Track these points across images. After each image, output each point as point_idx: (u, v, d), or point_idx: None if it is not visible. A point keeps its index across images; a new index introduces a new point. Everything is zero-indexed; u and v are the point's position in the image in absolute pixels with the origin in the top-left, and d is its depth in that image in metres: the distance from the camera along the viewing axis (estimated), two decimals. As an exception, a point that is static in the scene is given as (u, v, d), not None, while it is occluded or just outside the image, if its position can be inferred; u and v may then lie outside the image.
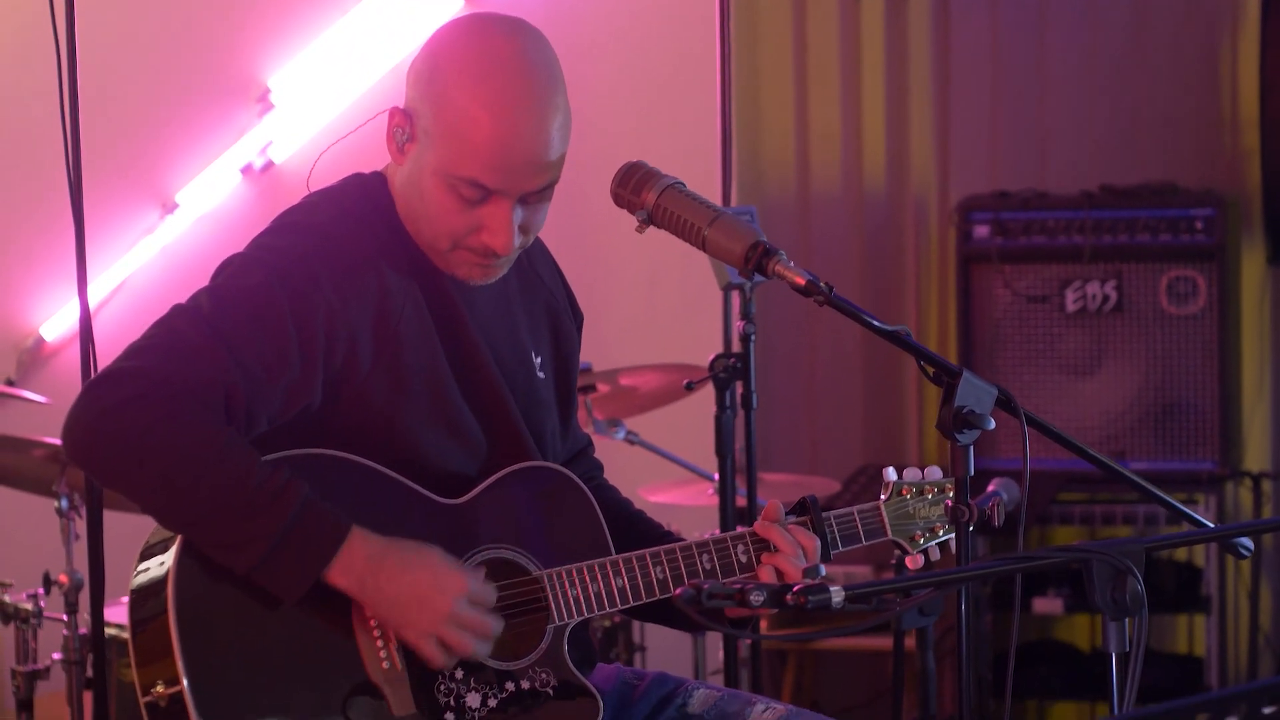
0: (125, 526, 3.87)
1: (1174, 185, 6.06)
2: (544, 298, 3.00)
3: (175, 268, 5.84)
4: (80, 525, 4.39)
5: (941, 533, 3.02)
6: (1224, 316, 5.93)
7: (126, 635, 4.41)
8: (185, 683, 2.55)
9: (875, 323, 2.70)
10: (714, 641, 5.34)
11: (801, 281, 2.66)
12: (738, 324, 3.77)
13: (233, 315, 2.63)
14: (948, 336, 6.44)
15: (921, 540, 3.01)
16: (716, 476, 4.76)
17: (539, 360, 2.94)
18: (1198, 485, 5.88)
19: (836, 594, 2.33)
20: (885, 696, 6.18)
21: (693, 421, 5.52)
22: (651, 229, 2.77)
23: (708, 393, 4.70)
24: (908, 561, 3.00)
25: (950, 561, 2.94)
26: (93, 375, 3.73)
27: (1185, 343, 5.94)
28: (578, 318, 3.07)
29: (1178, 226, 5.96)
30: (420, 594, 2.63)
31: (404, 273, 2.77)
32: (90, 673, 4.44)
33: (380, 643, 2.66)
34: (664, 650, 4.94)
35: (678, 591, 2.24)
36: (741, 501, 3.98)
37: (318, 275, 2.68)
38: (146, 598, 2.64)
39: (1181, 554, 6.11)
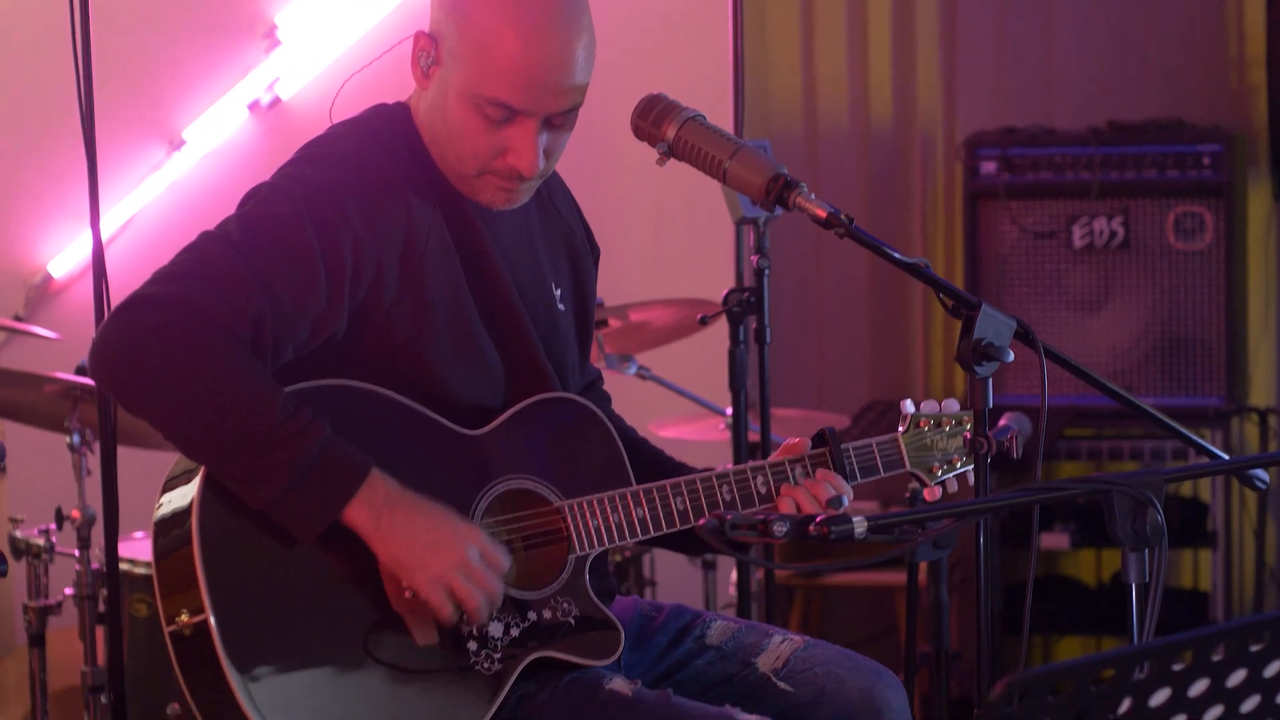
0: (137, 462, 3.88)
1: (1181, 121, 6.05)
2: (563, 231, 3.01)
3: (183, 204, 5.84)
4: (92, 461, 4.40)
5: (959, 464, 3.03)
6: (1230, 252, 5.93)
7: (139, 569, 4.48)
8: (210, 612, 2.56)
9: (895, 254, 2.70)
10: (724, 575, 5.37)
11: (823, 214, 2.66)
12: (752, 258, 3.77)
13: (261, 244, 2.63)
14: (954, 273, 6.43)
15: (939, 472, 3.01)
16: (728, 411, 4.78)
17: (559, 292, 2.95)
18: (1204, 421, 5.89)
19: (859, 525, 2.34)
20: (891, 631, 6.20)
21: (702, 357, 5.54)
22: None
23: (716, 329, 4.70)
24: (925, 493, 3.01)
25: (966, 494, 2.96)
26: (106, 309, 3.76)
27: (1192, 278, 5.94)
28: (595, 252, 3.08)
29: (1185, 162, 5.95)
30: (435, 539, 2.62)
31: (429, 203, 2.77)
32: (103, 608, 4.46)
33: None
34: (674, 584, 4.96)
35: (701, 522, 2.25)
36: (754, 436, 3.98)
37: (345, 205, 2.68)
38: (170, 528, 2.65)
39: (1187, 489, 6.13)
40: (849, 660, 2.94)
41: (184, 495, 2.64)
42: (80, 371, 4.31)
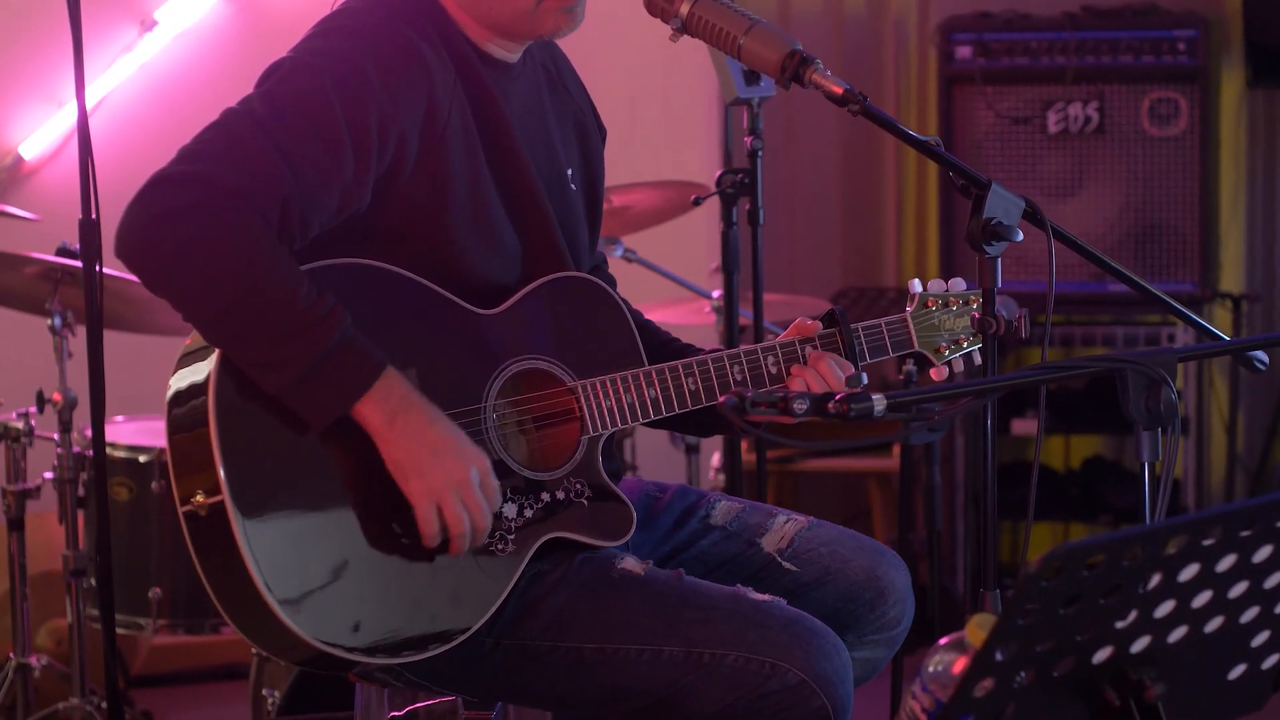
0: (119, 346, 3.86)
1: (1156, 6, 6.04)
2: (573, 111, 2.99)
3: (154, 86, 5.78)
4: (74, 343, 4.37)
5: (966, 344, 3.02)
6: (1205, 139, 5.93)
7: (120, 453, 4.46)
8: (226, 492, 2.54)
9: (908, 132, 2.70)
10: (706, 459, 5.38)
11: (839, 90, 2.64)
12: (745, 140, 3.75)
13: (287, 120, 2.59)
14: (927, 159, 6.42)
15: (946, 352, 3.01)
16: (715, 294, 4.78)
17: (570, 172, 2.93)
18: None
19: (879, 402, 2.34)
20: (862, 516, 6.23)
21: (682, 241, 5.53)
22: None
23: (697, 213, 4.70)
24: (932, 373, 3.00)
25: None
26: (93, 189, 3.73)
27: (1166, 164, 5.94)
28: (602, 132, 3.06)
29: (1160, 48, 5.94)
30: (442, 448, 2.60)
31: (451, 75, 2.74)
32: (81, 491, 4.44)
33: None
34: (656, 468, 4.96)
35: (722, 399, 2.25)
36: (744, 321, 3.98)
37: (368, 77, 2.64)
38: (185, 407, 2.63)
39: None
40: (852, 540, 2.95)
41: (200, 373, 2.61)
42: (61, 253, 4.27)
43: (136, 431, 4.68)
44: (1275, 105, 6.40)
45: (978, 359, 3.03)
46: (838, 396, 2.33)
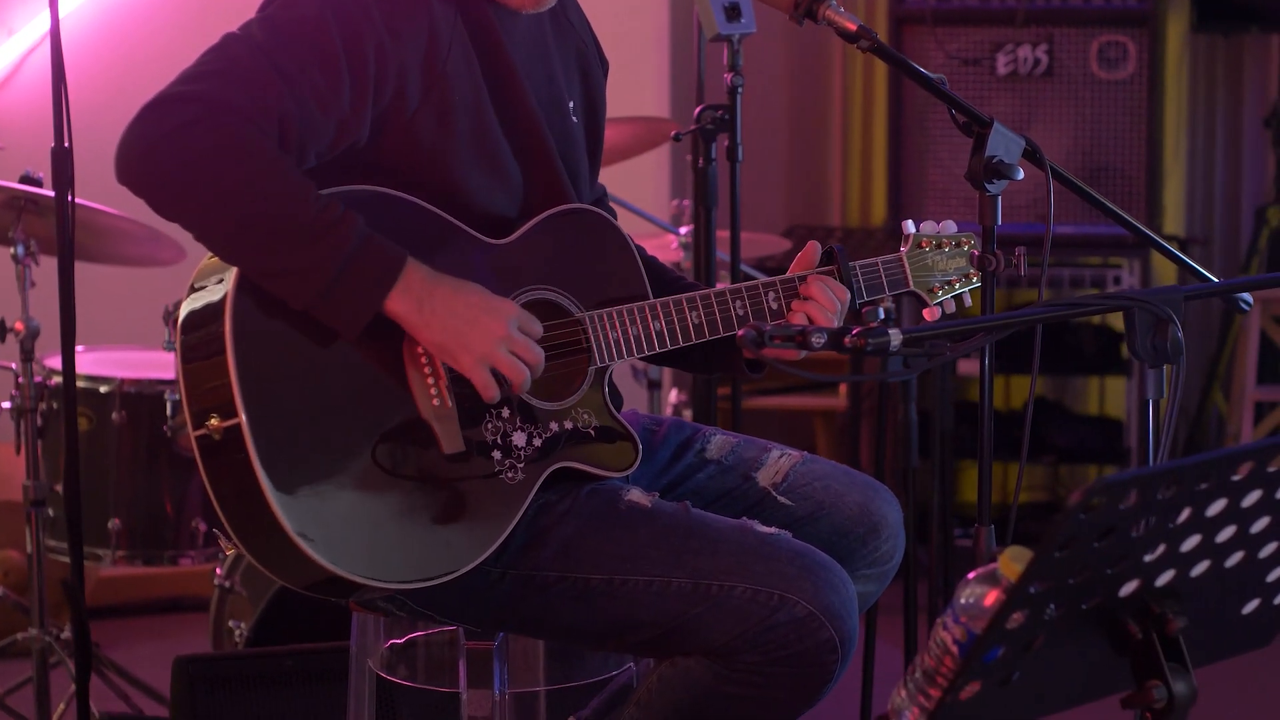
0: (81, 275, 3.82)
1: (1105, -51, 6.08)
2: (575, 43, 2.98)
3: (106, 12, 5.72)
4: (37, 272, 4.34)
5: (958, 286, 3.05)
6: (1152, 83, 5.98)
7: (80, 383, 4.43)
8: (243, 415, 2.54)
9: (917, 69, 2.72)
10: (665, 394, 5.40)
11: (853, 27, 2.66)
12: (725, 76, 3.75)
13: (286, 45, 2.60)
14: (878, 99, 6.46)
15: (939, 293, 3.03)
16: (681, 230, 4.79)
17: (571, 104, 2.93)
18: (1122, 249, 5.96)
19: (895, 336, 2.36)
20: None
21: (646, 176, 5.53)
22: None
23: (662, 151, 4.71)
24: (925, 314, 3.03)
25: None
26: (66, 115, 3.70)
27: (1113, 108, 5.99)
28: (605, 65, 3.06)
29: (1109, -9, 5.99)
30: (474, 317, 2.63)
31: (451, 8, 2.74)
32: (40, 422, 4.41)
33: (431, 380, 2.66)
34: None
35: (740, 332, 2.26)
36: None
37: (369, 8, 2.65)
38: (199, 328, 2.62)
39: (1097, 317, 6.21)
40: (845, 475, 2.97)
41: (215, 294, 2.61)
42: (25, 180, 4.22)
43: (96, 362, 4.65)
44: (1217, 50, 6.46)
45: (967, 300, 3.06)
46: (855, 331, 2.35)
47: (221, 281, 2.61)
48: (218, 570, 4.28)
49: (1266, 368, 6.30)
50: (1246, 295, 2.97)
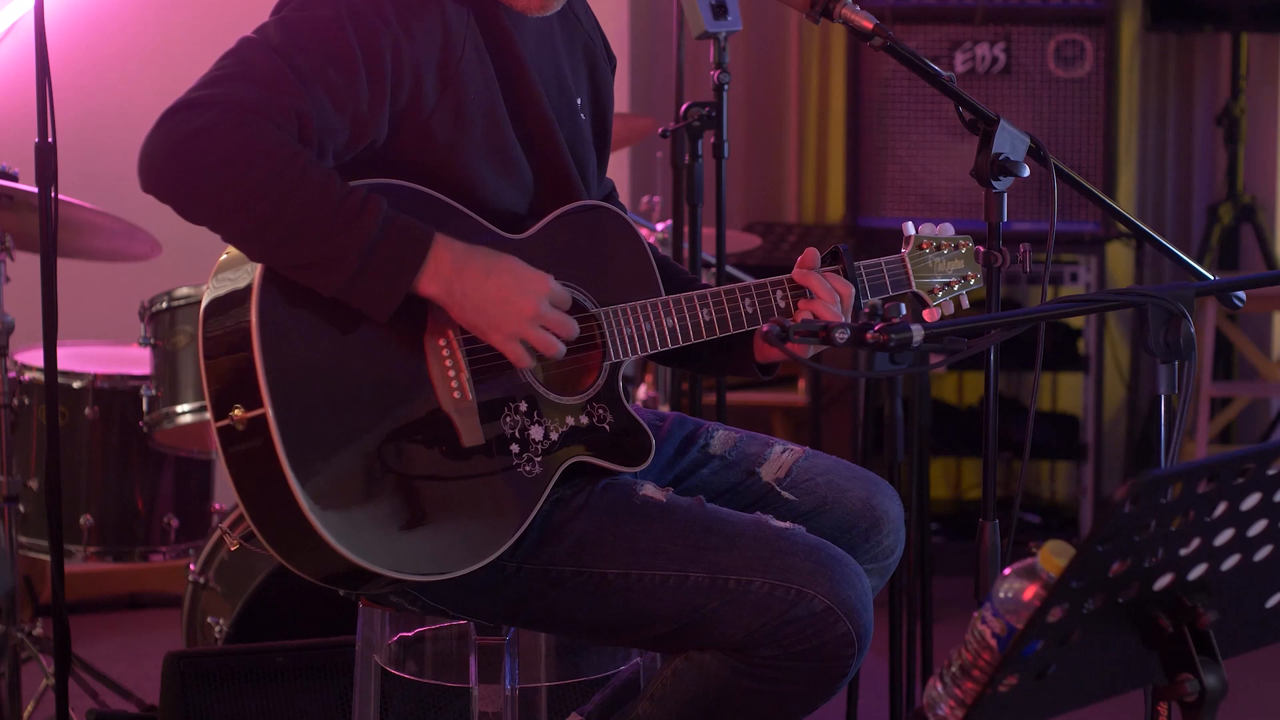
0: (60, 268, 3.80)
1: (1062, -51, 6.12)
2: (583, 40, 3.00)
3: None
4: (11, 268, 4.31)
5: (956, 287, 3.08)
6: (1109, 81, 6.01)
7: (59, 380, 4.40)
8: (269, 406, 2.55)
9: (928, 66, 2.74)
10: (635, 392, 5.40)
11: (869, 25, 2.69)
12: (712, 73, 3.76)
13: (303, 46, 2.62)
14: (834, 95, 6.47)
15: (940, 294, 3.06)
16: (658, 226, 4.80)
17: (580, 101, 2.95)
18: (1080, 246, 6.00)
19: (917, 332, 2.39)
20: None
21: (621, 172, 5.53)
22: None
23: (637, 146, 4.71)
24: (925, 314, 3.05)
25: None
26: (50, 106, 3.68)
27: (1071, 106, 6.01)
28: (612, 61, 3.07)
29: (1066, -10, 6.03)
30: (505, 295, 2.66)
31: (463, 8, 2.77)
32: (12, 418, 4.38)
33: (452, 373, 2.68)
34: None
35: (764, 327, 2.30)
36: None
37: (384, 9, 2.67)
38: (225, 318, 2.63)
39: (1059, 315, 6.23)
40: (848, 470, 2.99)
41: (240, 283, 2.62)
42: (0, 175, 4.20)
43: (69, 357, 4.63)
44: (1169, 48, 6.52)
45: (965, 303, 3.09)
46: (877, 326, 2.38)
47: (247, 270, 2.63)
48: (191, 566, 4.27)
49: (1220, 364, 6.38)
50: (1241, 293, 3.01)
